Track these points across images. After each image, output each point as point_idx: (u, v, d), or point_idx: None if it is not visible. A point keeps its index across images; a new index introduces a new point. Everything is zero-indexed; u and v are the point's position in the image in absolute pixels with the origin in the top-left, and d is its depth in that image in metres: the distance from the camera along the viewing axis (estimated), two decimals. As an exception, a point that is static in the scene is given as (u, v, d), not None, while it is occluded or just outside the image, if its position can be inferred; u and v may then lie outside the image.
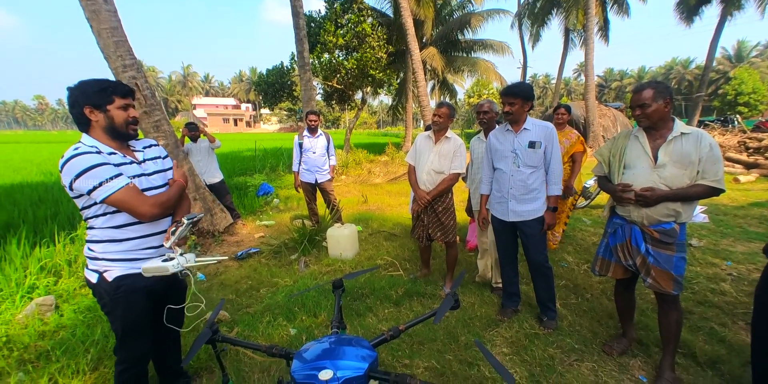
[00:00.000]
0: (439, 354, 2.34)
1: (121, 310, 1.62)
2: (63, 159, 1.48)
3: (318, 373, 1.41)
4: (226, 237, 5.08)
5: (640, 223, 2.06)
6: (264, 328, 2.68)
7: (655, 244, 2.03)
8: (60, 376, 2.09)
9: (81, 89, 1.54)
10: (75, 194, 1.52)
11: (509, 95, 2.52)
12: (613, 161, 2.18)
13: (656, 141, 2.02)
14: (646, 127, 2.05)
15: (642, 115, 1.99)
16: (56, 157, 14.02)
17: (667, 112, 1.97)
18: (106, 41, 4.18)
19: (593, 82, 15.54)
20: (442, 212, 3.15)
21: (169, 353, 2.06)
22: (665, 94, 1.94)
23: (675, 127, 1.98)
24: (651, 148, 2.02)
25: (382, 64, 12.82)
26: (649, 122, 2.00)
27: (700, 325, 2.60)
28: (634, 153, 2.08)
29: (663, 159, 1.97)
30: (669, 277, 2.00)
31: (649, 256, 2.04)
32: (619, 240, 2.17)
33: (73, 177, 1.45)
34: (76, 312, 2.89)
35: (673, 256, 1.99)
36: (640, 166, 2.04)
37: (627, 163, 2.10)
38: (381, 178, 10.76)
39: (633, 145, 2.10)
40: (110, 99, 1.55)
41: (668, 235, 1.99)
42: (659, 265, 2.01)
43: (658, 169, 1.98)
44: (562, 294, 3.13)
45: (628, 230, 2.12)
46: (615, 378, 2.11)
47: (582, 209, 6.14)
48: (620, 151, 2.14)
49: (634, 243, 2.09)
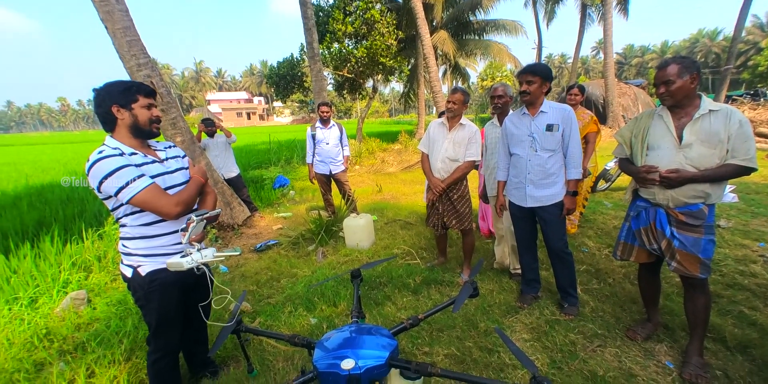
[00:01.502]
0: (458, 341, 2.35)
1: (155, 303, 1.70)
2: (89, 163, 1.53)
3: (340, 362, 1.44)
4: (244, 230, 5.19)
5: (666, 206, 1.98)
6: (286, 318, 2.74)
7: (681, 227, 1.95)
8: (97, 366, 2.19)
9: (107, 90, 1.61)
10: (104, 196, 1.58)
11: (528, 73, 2.44)
12: (635, 142, 2.09)
13: (681, 120, 1.93)
14: (671, 106, 1.95)
15: (666, 92, 1.90)
16: (80, 157, 14.52)
17: (693, 88, 1.87)
18: (120, 41, 4.24)
19: (612, 59, 14.95)
20: (458, 200, 3.12)
21: (197, 343, 2.14)
22: (692, 69, 1.84)
23: (702, 105, 1.88)
24: (676, 127, 1.93)
25: (393, 51, 12.61)
26: (674, 100, 1.90)
27: (729, 309, 2.52)
28: (658, 133, 1.99)
29: (689, 138, 1.88)
30: (696, 261, 1.93)
31: (675, 239, 1.97)
32: (642, 223, 2.11)
33: (99, 180, 1.51)
34: (108, 305, 3.02)
35: (701, 238, 1.92)
36: (665, 146, 1.95)
37: (650, 143, 2.01)
38: (395, 167, 10.72)
39: (656, 125, 2.01)
40: (135, 98, 1.62)
41: (696, 217, 1.91)
42: (685, 249, 1.94)
43: (684, 149, 1.89)
44: (584, 279, 3.08)
45: (653, 213, 2.05)
46: (640, 364, 2.08)
47: (603, 192, 5.99)
48: (643, 132, 2.05)
49: (659, 226, 2.02)
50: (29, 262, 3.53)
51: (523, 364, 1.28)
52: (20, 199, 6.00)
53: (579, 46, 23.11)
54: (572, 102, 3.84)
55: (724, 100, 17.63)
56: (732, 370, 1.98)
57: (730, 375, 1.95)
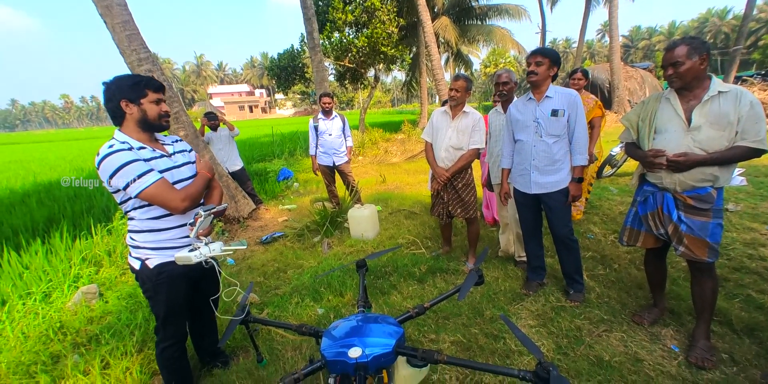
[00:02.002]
0: (464, 328, 2.37)
1: (163, 294, 1.73)
2: (99, 157, 1.55)
3: (347, 350, 1.46)
4: (250, 222, 5.22)
5: (673, 190, 1.96)
6: (293, 309, 2.77)
7: (689, 211, 1.93)
8: (110, 358, 2.25)
9: (117, 84, 1.62)
10: (113, 190, 1.60)
11: (538, 54, 2.40)
12: (642, 126, 2.06)
13: (690, 102, 1.89)
14: (679, 88, 1.90)
15: (674, 74, 1.85)
16: (86, 153, 14.62)
17: (702, 69, 1.82)
18: (119, 36, 4.22)
19: (618, 42, 14.64)
20: (462, 188, 3.10)
21: (207, 334, 2.18)
22: (701, 50, 1.79)
23: (712, 86, 1.83)
24: (684, 109, 1.89)
25: (394, 39, 12.43)
26: (683, 82, 1.86)
27: (736, 293, 2.51)
28: (666, 116, 1.95)
29: (698, 121, 1.84)
30: (704, 245, 1.91)
31: (682, 223, 1.95)
32: (649, 208, 2.09)
33: (110, 174, 1.53)
34: (119, 298, 3.08)
35: (709, 222, 1.90)
36: (672, 129, 1.92)
37: (658, 127, 1.98)
38: (398, 157, 10.68)
39: (664, 108, 1.97)
40: (144, 93, 1.63)
41: (704, 200, 1.89)
42: (693, 233, 1.92)
43: (692, 132, 1.86)
44: (589, 265, 3.08)
45: (660, 198, 2.03)
46: (646, 348, 2.09)
47: (608, 178, 5.93)
48: (650, 115, 2.01)
49: (666, 211, 2.00)
50: (41, 257, 3.59)
51: (529, 350, 1.28)
52: (29, 196, 6.07)
53: (584, 30, 22.61)
54: (576, 87, 3.78)
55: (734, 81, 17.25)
56: (738, 353, 1.98)
57: (737, 358, 1.95)
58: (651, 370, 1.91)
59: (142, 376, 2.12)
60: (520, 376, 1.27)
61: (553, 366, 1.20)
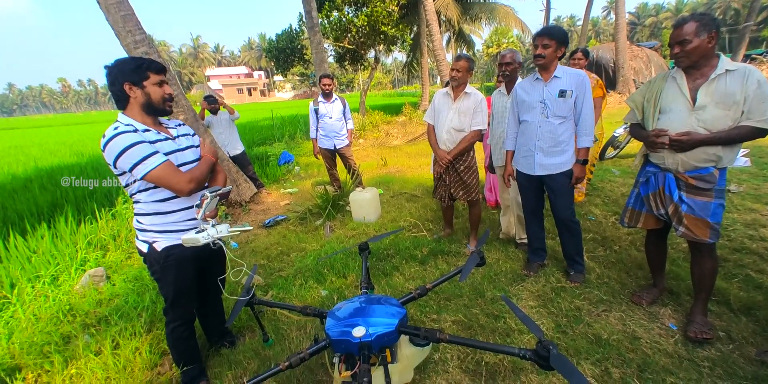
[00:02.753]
0: (465, 309, 2.41)
1: (171, 276, 1.76)
2: (104, 139, 1.55)
3: (351, 330, 1.50)
4: (252, 206, 5.24)
5: (675, 170, 1.95)
6: (297, 291, 2.82)
7: (691, 191, 1.93)
8: (120, 338, 2.30)
9: (119, 67, 1.60)
10: (119, 172, 1.61)
11: (545, 35, 2.32)
12: (648, 107, 2.02)
13: (696, 81, 1.85)
14: (686, 67, 1.86)
15: (681, 53, 1.81)
16: (85, 138, 14.55)
17: (710, 48, 1.78)
18: (114, 16, 4.11)
19: (624, 19, 14.23)
20: (465, 171, 3.09)
21: (214, 315, 2.24)
22: (710, 27, 1.74)
23: (720, 65, 1.79)
24: (689, 89, 1.85)
25: (394, 18, 12.11)
26: (690, 61, 1.81)
27: (736, 273, 2.54)
28: (671, 95, 1.92)
29: (703, 100, 1.81)
30: (705, 225, 1.91)
31: (683, 204, 1.95)
32: (651, 189, 2.09)
33: (115, 156, 1.53)
34: (125, 281, 3.13)
35: (711, 202, 1.90)
36: (677, 109, 1.89)
37: (662, 107, 1.95)
38: (399, 140, 10.60)
39: (669, 87, 1.93)
40: (146, 75, 1.62)
41: (706, 180, 1.88)
42: (693, 213, 1.92)
43: (697, 112, 1.83)
44: (590, 247, 3.10)
45: (662, 178, 2.02)
46: (644, 326, 2.13)
47: (611, 159, 5.89)
48: (655, 95, 1.98)
49: (667, 191, 2.00)
50: (47, 242, 3.63)
51: (530, 329, 1.31)
52: (31, 181, 6.08)
53: (589, 7, 21.93)
54: (576, 66, 3.71)
55: (743, 59, 16.85)
56: (735, 330, 2.02)
57: (733, 336, 1.99)
58: (648, 348, 1.95)
59: (152, 356, 2.18)
60: (521, 354, 1.31)
61: (552, 344, 1.23)
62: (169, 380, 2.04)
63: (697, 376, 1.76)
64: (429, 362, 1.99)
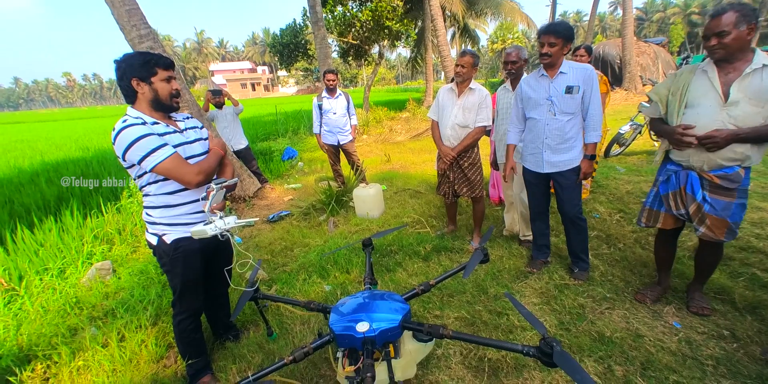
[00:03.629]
0: (468, 305, 2.42)
1: (179, 268, 1.78)
2: (114, 132, 1.57)
3: (355, 325, 1.50)
4: (256, 201, 5.26)
5: (699, 168, 1.89)
6: (301, 285, 2.84)
7: (714, 191, 1.87)
8: (126, 331, 2.33)
9: (127, 62, 1.61)
10: (128, 164, 1.63)
11: (551, 33, 2.26)
12: (673, 100, 1.94)
13: (728, 75, 1.76)
14: (720, 60, 1.77)
15: (718, 45, 1.71)
16: (90, 133, 14.63)
17: (748, 40, 1.69)
18: (119, 10, 4.11)
19: (631, 15, 14.03)
20: (469, 167, 3.08)
21: (220, 309, 2.26)
22: (750, 18, 1.66)
23: (755, 59, 1.71)
24: (721, 83, 1.77)
25: (399, 13, 12.04)
26: (726, 53, 1.72)
27: (741, 271, 2.52)
28: (700, 90, 1.83)
29: (736, 95, 1.72)
30: (723, 225, 1.88)
31: (705, 203, 1.90)
32: (671, 188, 2.03)
33: (124, 149, 1.55)
34: (131, 275, 3.16)
35: (733, 202, 1.85)
36: (706, 104, 1.80)
37: (689, 101, 1.86)
38: (403, 136, 10.57)
39: (699, 81, 1.84)
40: (154, 71, 1.63)
41: (731, 180, 1.82)
42: (716, 213, 1.88)
43: (729, 107, 1.75)
44: (594, 244, 3.09)
45: (684, 177, 1.96)
46: (647, 324, 2.13)
47: (616, 157, 5.85)
48: (682, 89, 1.89)
49: (689, 190, 1.94)
50: (54, 235, 3.66)
51: (533, 325, 1.31)
52: (38, 175, 6.13)
53: (596, 2, 21.69)
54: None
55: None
56: (740, 329, 2.01)
57: (738, 334, 1.98)
58: (651, 346, 1.95)
59: (157, 349, 2.20)
60: (524, 351, 1.31)
61: (556, 341, 1.23)
62: (174, 373, 2.07)
63: (701, 374, 1.76)
64: (432, 358, 2.00)
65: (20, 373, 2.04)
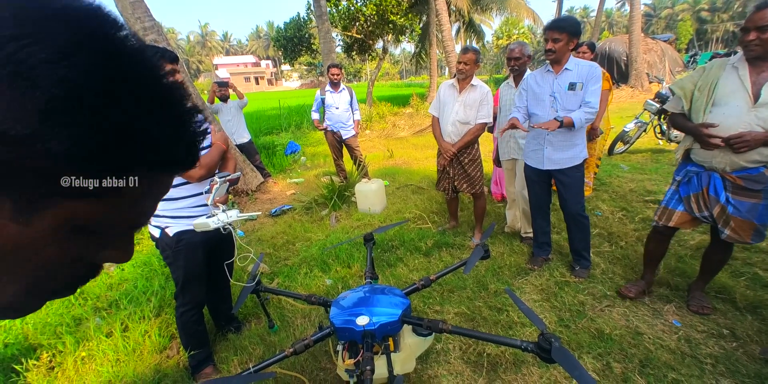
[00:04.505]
0: (468, 301, 2.43)
1: (182, 261, 1.81)
2: None
3: (355, 318, 1.52)
4: (258, 195, 5.28)
5: (722, 170, 1.84)
6: (302, 279, 2.85)
7: (738, 192, 1.83)
8: (129, 321, 2.36)
9: None
10: None
11: (555, 29, 2.24)
12: (699, 96, 1.86)
13: (761, 74, 1.70)
14: (755, 58, 1.69)
15: (757, 40, 1.62)
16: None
17: None
18: (123, 3, 4.10)
19: (639, 11, 13.85)
20: (469, 164, 3.08)
21: (222, 301, 2.28)
22: None
23: None
24: (752, 82, 1.70)
25: (403, 7, 11.95)
26: (763, 50, 1.65)
27: (743, 271, 2.52)
28: (729, 87, 1.77)
29: (767, 97, 1.67)
30: (750, 227, 1.84)
31: (729, 205, 1.86)
32: (693, 190, 1.98)
33: None
34: (134, 267, 3.18)
35: (759, 204, 1.81)
36: (734, 103, 1.74)
37: (716, 99, 1.80)
38: (406, 132, 10.54)
39: (728, 78, 1.77)
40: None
41: (756, 181, 1.78)
42: (740, 215, 1.84)
43: (758, 109, 1.69)
44: (595, 242, 3.09)
45: (706, 178, 1.91)
46: (647, 322, 2.13)
47: (620, 155, 5.82)
48: (710, 85, 1.82)
49: (712, 192, 1.89)
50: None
51: (532, 321, 1.32)
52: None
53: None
54: None
55: None
56: (740, 329, 2.02)
57: (738, 333, 1.99)
58: (650, 344, 1.96)
59: (161, 339, 2.23)
60: (523, 347, 1.32)
61: (555, 337, 1.23)
62: (176, 363, 2.09)
63: (699, 372, 1.77)
64: (431, 352, 2.02)
65: (26, 362, 2.08)
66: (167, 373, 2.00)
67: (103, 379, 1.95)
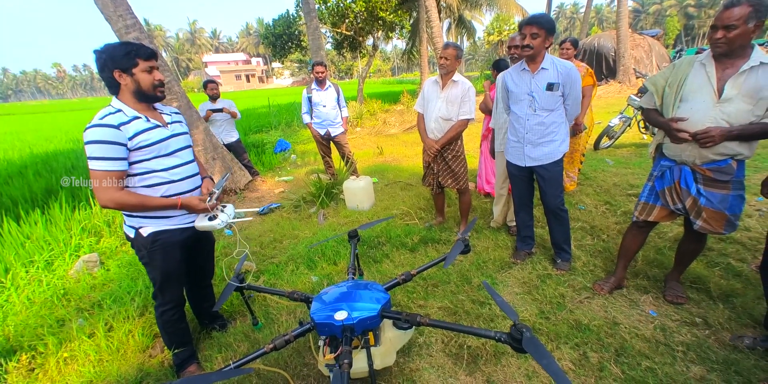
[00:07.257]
0: (452, 295, 2.46)
1: (158, 261, 1.79)
2: (89, 124, 1.57)
3: (334, 313, 1.54)
4: (247, 194, 5.26)
5: (692, 162, 1.90)
6: (288, 277, 2.86)
7: (708, 184, 1.89)
8: (113, 321, 2.35)
9: (108, 53, 1.59)
10: None
11: (534, 24, 2.23)
12: (669, 93, 1.92)
13: (726, 71, 1.74)
14: (721, 54, 1.74)
15: (723, 39, 1.66)
16: (81, 125, 14.42)
17: (752, 37, 1.67)
18: (104, 0, 4.04)
19: (626, 7, 13.98)
20: (452, 160, 3.10)
21: (204, 300, 2.27)
22: (762, 14, 1.62)
23: (753, 55, 1.69)
24: (718, 79, 1.76)
25: (393, 4, 11.91)
26: (729, 48, 1.69)
27: (718, 261, 2.58)
28: (696, 83, 1.81)
29: (730, 92, 1.72)
30: (722, 218, 1.90)
31: (701, 197, 1.91)
32: (667, 183, 2.04)
33: (85, 143, 1.56)
34: (119, 267, 3.17)
35: (729, 194, 1.86)
36: (700, 99, 1.80)
37: (684, 94, 1.85)
38: (396, 128, 10.56)
39: (696, 75, 1.82)
40: (134, 62, 1.60)
41: (724, 172, 1.84)
42: (712, 206, 1.89)
43: (722, 104, 1.74)
44: (578, 235, 3.14)
45: (677, 172, 1.98)
46: (624, 313, 2.18)
47: (606, 149, 5.90)
48: (679, 81, 1.87)
49: (684, 185, 1.95)
50: (41, 228, 3.65)
51: (506, 313, 1.35)
52: (26, 167, 6.08)
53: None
54: (564, 56, 3.71)
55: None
56: (713, 317, 2.08)
57: (710, 321, 2.04)
58: (626, 333, 2.01)
59: (144, 339, 2.23)
60: (496, 337, 1.35)
61: (527, 327, 1.27)
62: (160, 362, 2.10)
63: (671, 360, 1.82)
64: (413, 346, 2.04)
65: (5, 364, 2.07)
66: (150, 372, 2.00)
67: (85, 379, 1.95)
